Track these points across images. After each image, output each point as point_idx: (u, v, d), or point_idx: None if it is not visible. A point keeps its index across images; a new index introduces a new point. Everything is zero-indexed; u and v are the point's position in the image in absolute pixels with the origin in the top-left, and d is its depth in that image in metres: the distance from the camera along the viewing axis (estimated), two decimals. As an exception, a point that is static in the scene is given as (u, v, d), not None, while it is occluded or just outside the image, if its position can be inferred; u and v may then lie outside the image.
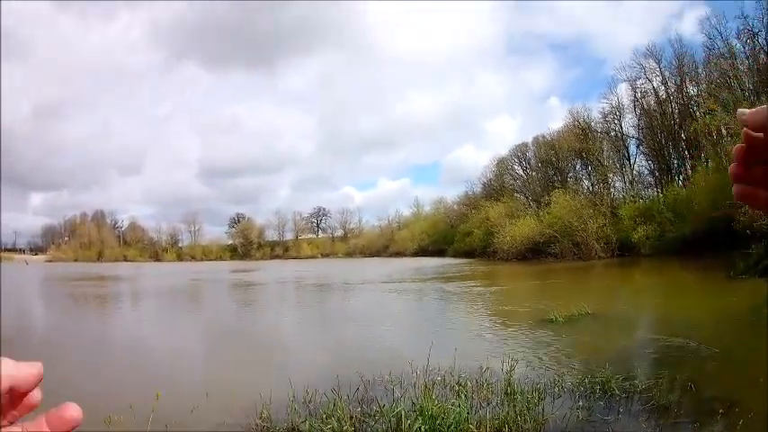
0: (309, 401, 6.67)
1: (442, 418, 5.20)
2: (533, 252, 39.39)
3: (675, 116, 37.02)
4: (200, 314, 20.55)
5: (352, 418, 5.84)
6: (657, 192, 38.07)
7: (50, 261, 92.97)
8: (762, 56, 26.84)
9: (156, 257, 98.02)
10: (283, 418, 6.08)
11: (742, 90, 24.30)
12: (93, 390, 7.39)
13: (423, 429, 4.95)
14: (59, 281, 37.97)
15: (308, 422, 5.84)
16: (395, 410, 5.36)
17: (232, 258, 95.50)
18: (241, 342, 12.83)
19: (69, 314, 18.98)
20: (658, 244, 28.18)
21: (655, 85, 38.98)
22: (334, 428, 5.33)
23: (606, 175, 42.43)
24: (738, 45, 28.64)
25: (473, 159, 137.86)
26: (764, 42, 26.94)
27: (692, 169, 33.19)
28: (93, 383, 7.91)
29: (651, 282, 20.22)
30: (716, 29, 30.77)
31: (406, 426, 5.02)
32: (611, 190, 42.35)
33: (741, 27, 28.61)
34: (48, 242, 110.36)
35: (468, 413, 5.37)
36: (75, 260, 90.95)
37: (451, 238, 63.04)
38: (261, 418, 6.04)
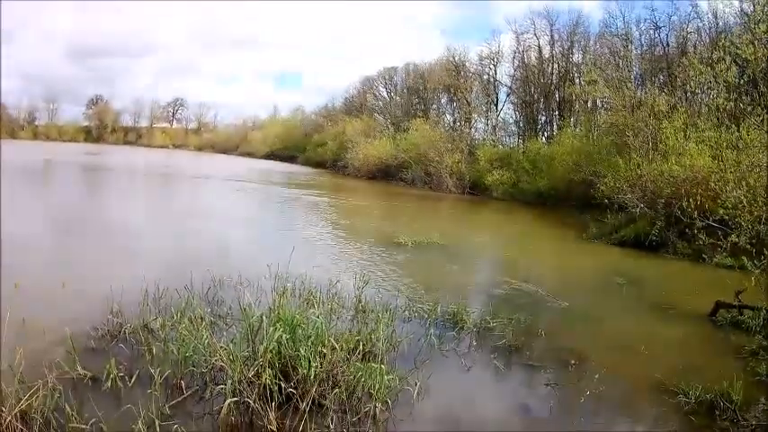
0: (161, 298, 6.71)
1: (303, 328, 4.79)
2: (384, 173, 40.27)
3: (554, 77, 39.22)
4: (52, 199, 20.43)
5: (203, 319, 5.72)
6: (519, 142, 40.72)
7: None
8: (659, 48, 29.14)
9: (13, 135, 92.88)
10: (135, 314, 6.14)
11: (629, 72, 26.14)
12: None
13: (284, 337, 4.48)
14: None
15: (159, 320, 5.96)
16: (253, 315, 4.87)
17: (86, 140, 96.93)
18: (93, 230, 13.02)
19: None
20: (512, 191, 29.92)
21: (541, 43, 40.73)
22: (188, 328, 5.16)
23: (471, 114, 44.04)
24: (636, 32, 30.74)
25: (340, 75, 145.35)
26: (665, 37, 29.22)
27: (558, 129, 35.84)
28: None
29: (502, 224, 21.65)
30: (619, 10, 32.06)
31: (267, 333, 4.55)
32: (473, 130, 44.34)
33: (645, 17, 30.67)
34: None
35: (325, 325, 5.04)
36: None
37: (304, 146, 63.08)
38: (112, 313, 6.05)
